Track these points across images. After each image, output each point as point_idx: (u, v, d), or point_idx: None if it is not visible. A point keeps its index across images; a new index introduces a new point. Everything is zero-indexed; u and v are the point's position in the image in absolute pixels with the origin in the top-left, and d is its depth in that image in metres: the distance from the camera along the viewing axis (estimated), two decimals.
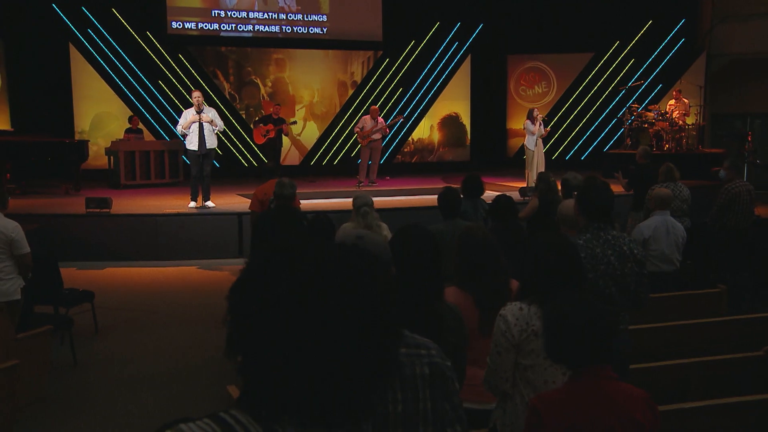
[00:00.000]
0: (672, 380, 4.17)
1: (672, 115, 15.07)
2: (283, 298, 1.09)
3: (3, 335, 4.86)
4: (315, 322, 1.08)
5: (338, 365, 1.08)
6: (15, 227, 5.53)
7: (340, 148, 17.57)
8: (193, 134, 10.56)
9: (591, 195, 3.77)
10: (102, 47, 15.49)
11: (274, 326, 1.08)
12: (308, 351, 1.07)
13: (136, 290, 8.57)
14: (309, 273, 1.10)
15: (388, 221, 6.38)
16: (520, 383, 2.89)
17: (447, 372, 1.95)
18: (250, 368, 1.12)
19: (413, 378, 1.90)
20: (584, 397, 2.32)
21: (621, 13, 16.87)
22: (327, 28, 17.18)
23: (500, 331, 2.90)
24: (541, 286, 2.87)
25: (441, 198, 5.67)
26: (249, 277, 1.14)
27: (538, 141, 12.92)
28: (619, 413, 2.29)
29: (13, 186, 12.39)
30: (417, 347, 1.95)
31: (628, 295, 3.75)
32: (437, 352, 1.97)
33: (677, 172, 7.98)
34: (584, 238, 3.70)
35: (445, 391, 1.93)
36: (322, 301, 1.08)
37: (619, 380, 2.41)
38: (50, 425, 4.97)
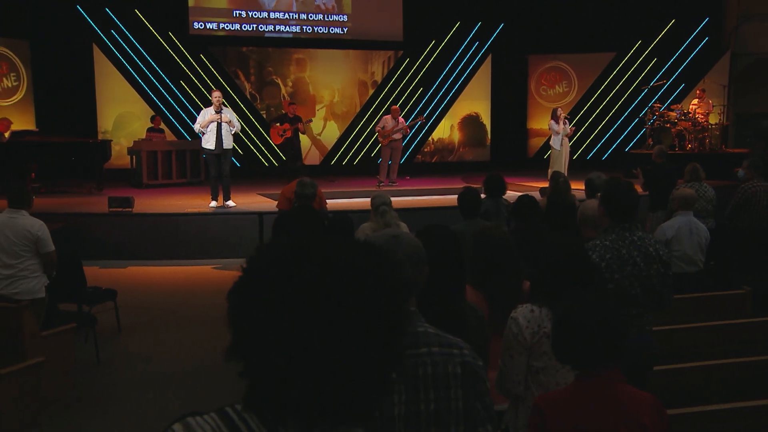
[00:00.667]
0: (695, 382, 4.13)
1: (695, 115, 14.92)
2: (289, 299, 1.08)
3: (28, 333, 4.92)
4: (320, 322, 1.07)
5: (343, 366, 1.08)
6: (40, 226, 5.60)
7: (360, 148, 17.60)
8: (210, 134, 10.60)
9: (616, 195, 3.75)
10: (125, 48, 15.64)
11: (278, 327, 1.08)
12: (312, 352, 1.07)
13: (157, 289, 8.64)
14: (315, 273, 1.09)
15: (408, 221, 6.39)
16: (532, 386, 2.87)
17: (479, 371, 1.95)
18: (253, 370, 1.12)
19: (446, 377, 1.90)
20: (590, 398, 2.29)
21: (643, 12, 16.74)
22: (348, 28, 17.21)
23: (512, 333, 2.89)
24: (550, 286, 2.86)
25: (461, 198, 5.66)
26: (252, 277, 1.13)
27: (564, 140, 12.84)
28: (625, 417, 2.25)
29: (37, 185, 12.54)
30: (449, 346, 1.95)
31: (653, 297, 3.73)
32: (469, 351, 1.97)
33: (703, 172, 7.90)
34: (610, 239, 3.68)
35: (477, 391, 1.93)
36: (327, 301, 1.08)
37: (626, 383, 2.37)
38: (74, 422, 5.02)
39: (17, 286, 5.53)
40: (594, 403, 2.27)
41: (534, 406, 2.38)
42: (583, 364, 2.34)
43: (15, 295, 5.47)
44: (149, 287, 8.72)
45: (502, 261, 3.40)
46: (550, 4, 17.13)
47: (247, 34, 16.55)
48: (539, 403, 2.35)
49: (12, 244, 5.50)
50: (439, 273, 2.70)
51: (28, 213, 5.66)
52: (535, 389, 2.85)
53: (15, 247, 5.50)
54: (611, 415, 2.25)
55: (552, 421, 2.28)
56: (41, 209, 10.10)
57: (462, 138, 18.57)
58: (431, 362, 1.91)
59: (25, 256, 5.54)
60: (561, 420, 2.27)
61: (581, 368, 2.35)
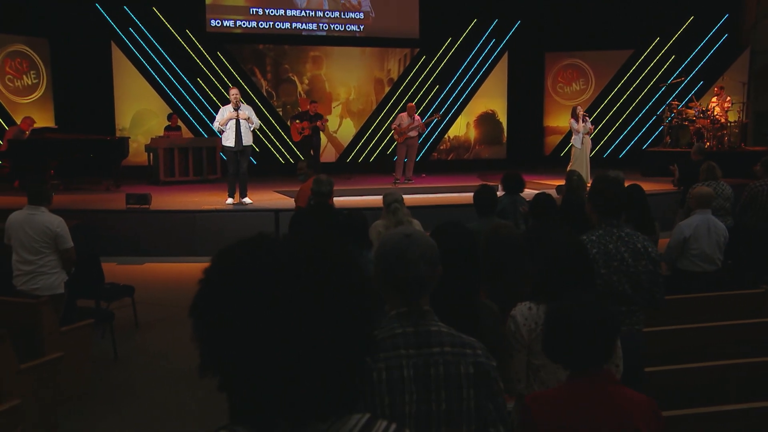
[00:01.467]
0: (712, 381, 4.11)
1: (713, 113, 14.79)
2: (248, 305, 1.08)
3: (47, 328, 4.97)
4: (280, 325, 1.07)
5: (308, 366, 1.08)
6: (59, 222, 5.65)
7: (376, 146, 17.60)
8: (229, 131, 10.64)
9: (603, 191, 3.76)
10: (143, 46, 15.74)
11: (240, 335, 1.07)
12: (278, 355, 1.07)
13: (174, 286, 8.69)
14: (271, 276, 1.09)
15: (424, 219, 6.38)
16: (534, 384, 2.86)
17: (492, 372, 1.94)
18: (228, 381, 1.12)
19: (458, 377, 1.90)
20: (580, 399, 2.23)
21: (662, 9, 16.61)
22: (364, 26, 17.21)
23: (510, 332, 2.90)
24: (550, 285, 2.86)
25: (477, 196, 5.65)
26: (209, 289, 1.13)
27: (585, 138, 12.75)
28: (617, 418, 2.19)
29: (56, 182, 12.65)
30: (462, 346, 1.94)
31: (642, 293, 3.71)
32: (482, 351, 1.96)
33: (719, 170, 7.84)
34: (597, 234, 3.70)
35: (489, 391, 1.92)
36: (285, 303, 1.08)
37: (620, 384, 2.33)
38: (92, 417, 5.07)
39: (37, 282, 5.59)
40: (584, 404, 2.22)
41: (522, 405, 2.32)
42: (575, 364, 2.29)
43: (35, 290, 5.53)
44: (166, 284, 8.78)
45: (509, 261, 3.40)
46: (567, 1, 17.04)
47: (263, 31, 16.60)
48: (527, 402, 2.30)
49: (32, 241, 5.55)
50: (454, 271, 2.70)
51: (48, 210, 5.71)
52: (537, 387, 2.84)
53: (35, 243, 5.56)
54: (602, 417, 2.19)
55: (539, 420, 2.22)
56: (59, 206, 10.18)
57: (478, 135, 18.53)
58: (443, 362, 1.90)
59: (45, 252, 5.60)
60: (549, 420, 2.22)
61: (574, 368, 2.30)
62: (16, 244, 5.60)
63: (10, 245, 5.65)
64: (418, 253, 1.96)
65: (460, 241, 2.79)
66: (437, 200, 11.72)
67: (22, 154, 12.26)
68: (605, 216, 3.74)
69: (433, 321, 1.98)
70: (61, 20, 14.72)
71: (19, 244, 5.59)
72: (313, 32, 16.90)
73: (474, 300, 2.79)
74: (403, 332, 1.93)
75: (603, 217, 3.74)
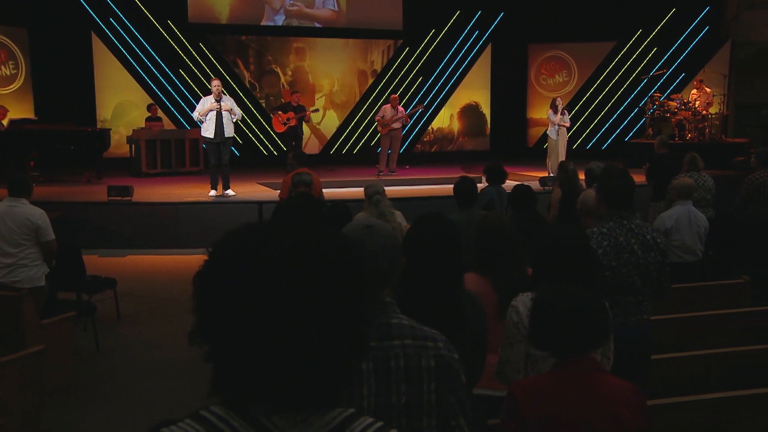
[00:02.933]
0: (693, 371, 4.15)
1: (694, 105, 14.91)
2: (252, 281, 1.08)
3: (28, 321, 4.93)
4: (283, 305, 1.07)
5: (305, 350, 1.08)
6: (41, 214, 5.59)
7: (359, 137, 17.57)
8: (210, 122, 10.56)
9: (611, 183, 3.76)
10: (124, 36, 15.58)
11: (241, 309, 1.08)
12: (275, 335, 1.07)
13: (157, 278, 8.65)
14: (279, 256, 1.09)
15: (407, 210, 6.38)
16: (531, 374, 2.87)
17: (453, 364, 1.91)
18: (217, 354, 1.12)
19: (418, 370, 1.88)
20: (565, 387, 2.25)
21: (644, 1, 16.68)
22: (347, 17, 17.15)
23: (512, 322, 2.90)
24: (550, 276, 2.86)
25: (457, 188, 5.65)
26: (217, 260, 1.13)
27: (561, 131, 12.86)
28: (601, 406, 2.21)
29: (37, 174, 12.52)
30: (423, 339, 1.92)
31: (650, 285, 3.74)
32: (444, 344, 1.93)
33: (701, 161, 7.90)
34: (607, 227, 3.70)
35: (451, 384, 1.89)
36: (291, 284, 1.08)
37: (605, 372, 2.35)
38: (75, 411, 5.04)
39: (18, 275, 5.53)
40: (570, 392, 2.24)
41: (508, 392, 2.33)
42: (560, 352, 2.31)
43: (15, 283, 5.48)
44: (149, 276, 8.74)
45: (506, 247, 3.41)
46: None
47: (246, 22, 16.48)
48: (513, 390, 2.31)
49: (12, 233, 5.50)
50: (436, 262, 2.70)
51: (29, 201, 5.65)
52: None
53: (15, 235, 5.50)
54: (586, 405, 2.21)
55: (525, 407, 2.24)
56: (40, 198, 10.08)
57: (461, 127, 18.55)
58: (404, 354, 1.88)
59: (26, 244, 5.54)
60: (535, 407, 2.23)
61: (559, 355, 2.32)
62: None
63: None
64: (378, 245, 1.93)
65: (442, 231, 2.79)
66: (420, 192, 11.73)
67: (0, 145, 12.11)
68: (615, 208, 3.73)
69: (394, 313, 1.95)
70: (39, 9, 14.53)
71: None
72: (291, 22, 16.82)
73: (457, 290, 2.79)
74: None
75: (612, 209, 3.74)
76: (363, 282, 1.16)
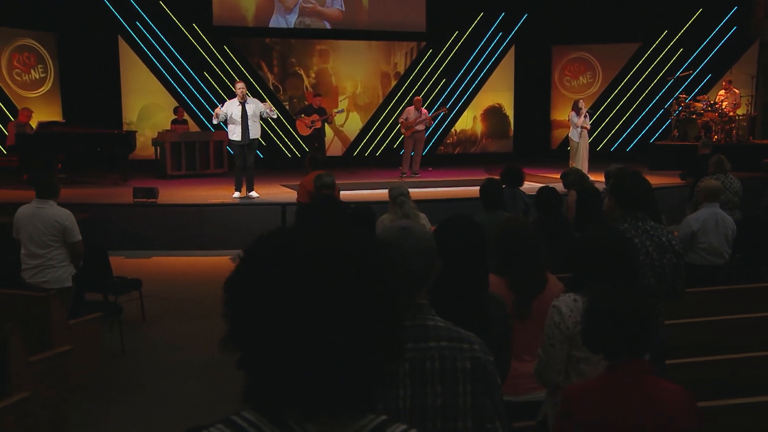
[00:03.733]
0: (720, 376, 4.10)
1: (721, 106, 14.72)
2: (284, 287, 1.07)
3: (56, 321, 4.99)
4: (315, 312, 1.06)
5: (338, 356, 1.07)
6: (67, 215, 5.66)
7: (382, 139, 17.59)
8: (236, 125, 10.62)
9: (625, 185, 3.74)
10: (150, 39, 15.75)
11: (273, 316, 1.07)
12: (308, 341, 1.06)
13: (182, 279, 8.72)
14: (312, 262, 1.09)
15: (430, 212, 6.38)
16: (572, 375, 2.86)
17: (489, 367, 1.92)
18: (249, 360, 1.12)
19: (454, 371, 1.89)
20: (618, 390, 2.26)
21: (670, 2, 16.52)
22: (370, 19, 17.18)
23: (554, 322, 2.89)
24: (594, 277, 2.84)
25: (483, 190, 5.63)
26: (248, 266, 1.13)
27: (583, 133, 12.76)
28: (654, 409, 2.22)
29: (64, 176, 12.67)
30: (459, 341, 1.93)
31: (665, 286, 3.70)
32: (480, 346, 1.94)
33: (728, 163, 7.80)
34: (622, 228, 3.67)
35: (486, 387, 1.90)
36: (323, 291, 1.07)
37: (657, 375, 2.35)
38: (100, 409, 5.09)
39: (45, 275, 5.60)
40: (623, 395, 2.25)
41: (562, 396, 2.36)
42: (614, 354, 2.32)
43: (43, 283, 5.55)
44: (173, 277, 8.81)
45: (526, 249, 3.39)
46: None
47: (270, 25, 16.58)
48: (567, 393, 2.33)
49: (41, 234, 5.57)
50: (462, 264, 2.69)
51: (56, 203, 5.73)
52: (575, 379, 2.84)
53: (43, 236, 5.57)
54: (640, 408, 2.22)
55: (579, 411, 2.26)
56: (67, 199, 10.16)
57: (485, 129, 18.49)
58: (439, 356, 1.89)
59: (53, 245, 5.61)
60: (588, 410, 2.25)
61: (611, 358, 2.33)
62: (25, 238, 5.61)
63: (19, 239, 5.67)
64: (414, 248, 1.95)
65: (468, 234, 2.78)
66: (444, 194, 11.71)
67: (30, 147, 12.29)
68: (629, 209, 3.71)
69: (430, 315, 1.96)
70: (68, 14, 14.74)
71: (27, 238, 5.60)
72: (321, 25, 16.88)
73: (482, 293, 2.78)
74: None
75: (627, 210, 3.71)
76: (393, 285, 1.14)
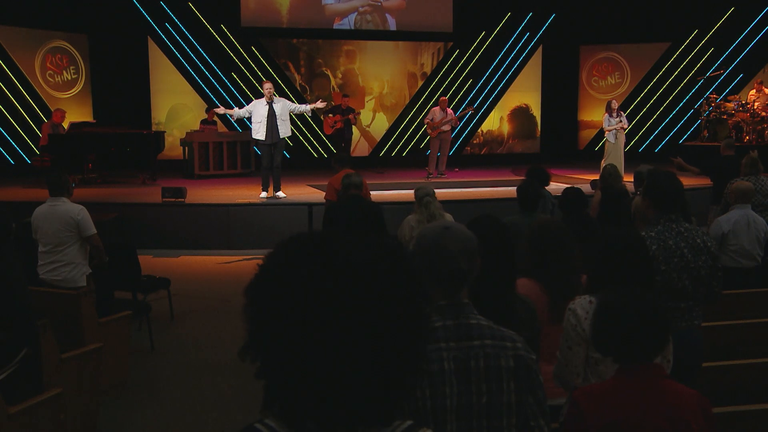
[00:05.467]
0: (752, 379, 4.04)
1: (753, 106, 14.51)
2: (304, 297, 1.06)
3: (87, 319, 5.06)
4: (335, 322, 1.05)
5: (358, 368, 1.06)
6: (80, 210, 5.69)
7: (409, 140, 17.59)
8: (260, 124, 10.65)
9: (658, 186, 3.69)
10: (179, 41, 15.92)
11: (292, 326, 1.06)
12: (327, 352, 1.05)
13: (209, 278, 8.78)
14: (332, 272, 1.07)
15: (457, 213, 6.36)
16: (591, 377, 2.84)
17: (532, 365, 1.94)
18: (268, 370, 1.11)
19: (498, 370, 1.90)
20: (629, 393, 2.23)
21: (700, 0, 16.30)
22: (398, 20, 17.19)
23: (570, 325, 2.87)
24: (610, 279, 2.82)
25: (520, 190, 5.58)
26: (268, 274, 1.12)
27: (619, 133, 12.55)
28: (668, 413, 2.18)
29: (94, 175, 12.87)
30: (502, 339, 1.95)
31: (701, 290, 3.65)
32: (522, 344, 1.96)
33: (761, 164, 7.68)
34: (656, 230, 3.63)
35: (530, 384, 1.92)
36: (344, 301, 1.05)
37: (670, 379, 2.31)
38: (130, 407, 5.15)
39: (59, 273, 5.66)
40: (634, 399, 2.21)
41: (571, 399, 2.32)
42: (625, 357, 2.29)
43: (57, 282, 5.62)
44: (201, 276, 8.88)
45: (562, 251, 3.37)
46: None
47: (298, 25, 16.67)
48: (576, 396, 2.29)
49: (56, 232, 5.62)
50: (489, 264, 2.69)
51: (69, 200, 5.77)
52: (594, 381, 2.81)
53: (59, 233, 5.62)
54: (652, 412, 2.18)
55: (588, 415, 2.22)
56: (97, 199, 10.37)
57: (511, 130, 18.41)
58: (483, 355, 1.91)
59: (68, 243, 5.65)
60: (598, 414, 2.21)
61: (623, 361, 2.30)
62: (42, 237, 5.68)
63: (37, 239, 5.74)
64: (458, 247, 1.98)
65: (495, 234, 2.77)
66: (470, 194, 11.67)
67: (61, 148, 12.48)
68: (663, 211, 3.66)
69: (473, 314, 1.98)
70: (99, 16, 14.97)
71: (44, 237, 5.67)
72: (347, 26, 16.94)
73: (509, 294, 2.77)
74: (443, 325, 1.93)
75: (660, 212, 3.67)
76: (414, 294, 1.13)
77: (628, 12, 16.64)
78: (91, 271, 5.88)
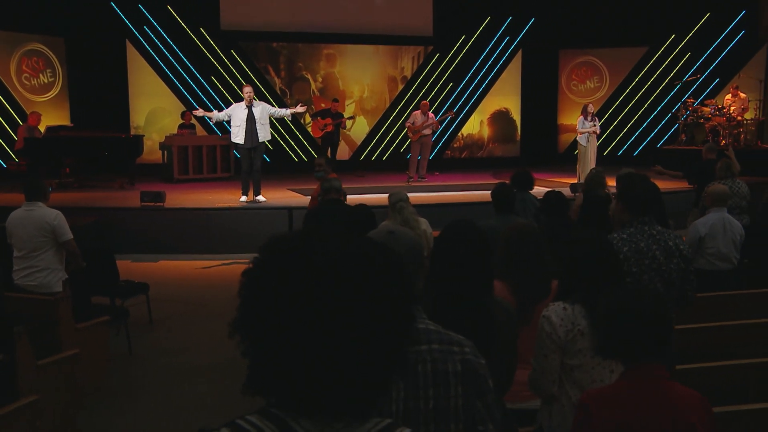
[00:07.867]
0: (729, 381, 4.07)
1: (729, 110, 14.69)
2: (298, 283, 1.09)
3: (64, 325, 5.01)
4: (326, 310, 1.07)
5: (343, 358, 1.08)
6: (56, 215, 5.62)
7: (389, 144, 17.60)
8: (240, 128, 10.60)
9: (632, 189, 3.73)
10: (157, 44, 15.82)
11: (283, 310, 1.08)
12: (315, 338, 1.07)
13: (188, 283, 8.73)
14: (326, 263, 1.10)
15: (436, 217, 6.37)
16: (566, 384, 2.84)
17: (480, 369, 1.93)
18: (254, 350, 1.13)
19: (445, 374, 1.89)
20: (637, 395, 2.26)
21: (677, 6, 16.50)
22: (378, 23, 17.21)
23: (545, 332, 2.85)
24: (583, 284, 2.83)
25: (495, 194, 5.62)
26: (268, 257, 1.14)
27: (591, 137, 12.75)
28: (673, 414, 2.21)
29: (71, 180, 12.74)
30: (450, 344, 1.93)
31: (673, 291, 3.68)
32: (470, 349, 1.95)
33: (736, 167, 7.77)
34: (628, 232, 3.67)
35: (478, 389, 1.91)
36: (336, 291, 1.08)
37: (672, 380, 2.34)
38: (109, 413, 5.10)
39: (34, 279, 5.58)
40: (642, 400, 2.24)
41: (580, 403, 2.34)
42: (633, 358, 2.31)
43: (32, 287, 5.54)
44: (180, 281, 8.82)
45: (533, 255, 3.38)
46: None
47: (277, 29, 16.62)
48: (585, 400, 2.31)
49: (31, 236, 5.54)
50: (464, 268, 2.70)
51: (45, 205, 5.70)
52: (570, 387, 2.82)
53: (34, 239, 5.54)
54: (659, 413, 2.22)
55: (598, 417, 2.25)
56: (74, 203, 10.26)
57: (492, 133, 18.49)
58: (431, 359, 1.89)
59: (43, 248, 5.57)
60: (607, 417, 2.24)
61: (629, 362, 2.32)
62: (17, 242, 5.60)
63: (12, 243, 5.65)
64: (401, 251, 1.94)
65: (471, 238, 2.78)
66: (450, 198, 11.70)
67: (38, 152, 12.34)
68: (635, 214, 3.70)
69: (421, 318, 1.97)
70: (76, 19, 14.82)
71: (18, 241, 5.59)
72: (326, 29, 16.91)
73: (486, 298, 2.78)
74: None
75: (633, 215, 3.71)
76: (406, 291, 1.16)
77: (607, 16, 16.79)
78: (68, 277, 5.81)
